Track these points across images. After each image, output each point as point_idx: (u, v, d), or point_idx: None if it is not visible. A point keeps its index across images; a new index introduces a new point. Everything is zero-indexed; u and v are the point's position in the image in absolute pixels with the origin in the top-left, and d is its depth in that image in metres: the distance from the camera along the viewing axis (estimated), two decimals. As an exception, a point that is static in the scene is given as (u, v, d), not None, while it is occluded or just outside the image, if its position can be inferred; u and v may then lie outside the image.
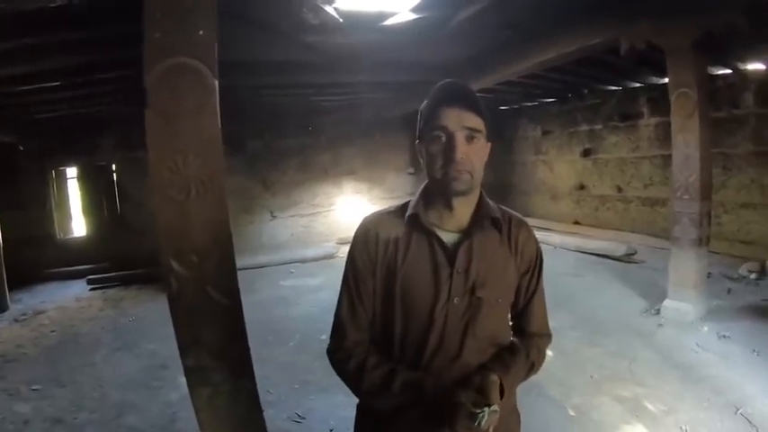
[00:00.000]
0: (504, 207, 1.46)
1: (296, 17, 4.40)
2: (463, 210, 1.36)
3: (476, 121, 1.28)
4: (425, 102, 1.33)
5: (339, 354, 1.39)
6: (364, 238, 1.38)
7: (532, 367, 1.45)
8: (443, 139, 1.27)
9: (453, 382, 1.26)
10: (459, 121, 1.26)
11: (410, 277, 1.33)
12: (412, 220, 1.36)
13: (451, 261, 1.33)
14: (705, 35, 4.34)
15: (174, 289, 1.94)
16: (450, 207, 1.34)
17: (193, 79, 1.93)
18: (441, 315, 1.32)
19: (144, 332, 5.64)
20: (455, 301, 1.32)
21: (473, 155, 1.28)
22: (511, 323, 1.51)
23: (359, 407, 1.50)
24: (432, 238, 1.34)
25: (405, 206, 1.42)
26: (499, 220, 1.39)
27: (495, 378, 1.24)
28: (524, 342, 1.46)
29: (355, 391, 1.40)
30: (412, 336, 1.34)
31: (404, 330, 1.35)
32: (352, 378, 1.36)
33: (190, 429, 3.12)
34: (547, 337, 1.53)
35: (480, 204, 1.39)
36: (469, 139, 1.27)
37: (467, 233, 1.35)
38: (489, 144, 1.35)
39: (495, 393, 1.21)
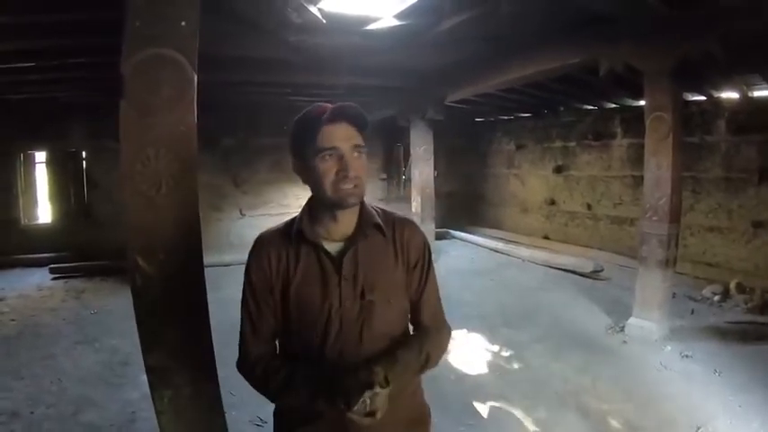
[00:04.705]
0: (388, 210, 1.54)
1: (279, 15, 4.36)
2: (347, 220, 1.42)
3: (361, 138, 1.36)
4: (306, 122, 1.38)
5: (246, 366, 1.46)
6: (257, 257, 1.43)
7: (428, 358, 1.48)
8: (335, 157, 1.33)
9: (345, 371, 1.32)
10: (348, 139, 1.34)
11: (302, 289, 1.40)
12: (298, 235, 1.41)
13: (338, 269, 1.39)
14: (683, 61, 4.44)
15: (138, 286, 1.89)
16: (335, 219, 1.40)
17: (172, 71, 1.88)
18: (336, 320, 1.38)
19: (106, 326, 5.50)
20: (347, 305, 1.39)
21: (360, 169, 1.35)
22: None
23: (275, 413, 1.55)
24: (318, 250, 1.41)
25: (293, 222, 1.46)
26: (381, 224, 1.45)
27: (377, 369, 1.27)
28: (419, 335, 1.53)
29: (267, 395, 1.46)
30: (311, 344, 1.40)
31: (301, 340, 1.42)
32: (261, 383, 1.44)
33: (149, 429, 3.05)
34: (443, 329, 1.59)
35: (362, 212, 1.45)
36: (356, 154, 1.35)
37: (351, 241, 1.42)
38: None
39: (378, 380, 1.25)
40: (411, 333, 1.55)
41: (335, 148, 1.32)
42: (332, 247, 1.41)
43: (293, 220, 1.46)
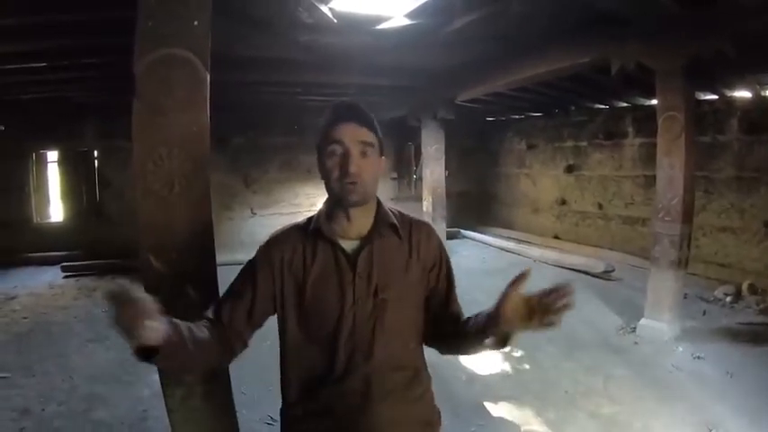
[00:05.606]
0: (405, 213, 1.57)
1: (290, 15, 4.37)
2: (362, 219, 1.46)
3: (369, 136, 1.39)
4: (322, 118, 1.43)
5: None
6: (266, 258, 1.46)
7: None
8: (339, 152, 1.36)
9: (367, 379, 1.40)
10: (354, 136, 1.36)
11: (318, 284, 1.43)
12: (315, 232, 1.45)
13: (353, 267, 1.42)
14: (695, 59, 4.41)
15: (150, 285, 1.89)
16: (348, 218, 1.44)
17: (185, 71, 1.88)
18: (349, 316, 1.41)
19: (117, 324, 5.52)
20: (360, 302, 1.41)
21: (366, 168, 1.37)
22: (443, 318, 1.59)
23: (281, 411, 1.55)
24: (335, 247, 1.44)
25: (310, 220, 1.50)
26: (396, 225, 1.49)
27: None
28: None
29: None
30: (324, 340, 1.43)
31: (315, 337, 1.44)
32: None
33: (160, 428, 3.07)
34: None
35: (378, 212, 1.49)
36: (363, 153, 1.37)
37: (367, 240, 1.45)
38: (383, 158, 1.46)
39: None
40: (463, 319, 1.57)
41: (340, 143, 1.35)
42: (348, 245, 1.44)
43: (311, 218, 1.50)
